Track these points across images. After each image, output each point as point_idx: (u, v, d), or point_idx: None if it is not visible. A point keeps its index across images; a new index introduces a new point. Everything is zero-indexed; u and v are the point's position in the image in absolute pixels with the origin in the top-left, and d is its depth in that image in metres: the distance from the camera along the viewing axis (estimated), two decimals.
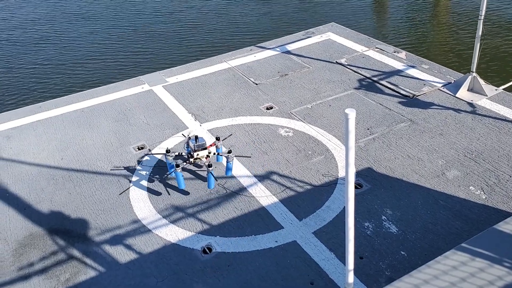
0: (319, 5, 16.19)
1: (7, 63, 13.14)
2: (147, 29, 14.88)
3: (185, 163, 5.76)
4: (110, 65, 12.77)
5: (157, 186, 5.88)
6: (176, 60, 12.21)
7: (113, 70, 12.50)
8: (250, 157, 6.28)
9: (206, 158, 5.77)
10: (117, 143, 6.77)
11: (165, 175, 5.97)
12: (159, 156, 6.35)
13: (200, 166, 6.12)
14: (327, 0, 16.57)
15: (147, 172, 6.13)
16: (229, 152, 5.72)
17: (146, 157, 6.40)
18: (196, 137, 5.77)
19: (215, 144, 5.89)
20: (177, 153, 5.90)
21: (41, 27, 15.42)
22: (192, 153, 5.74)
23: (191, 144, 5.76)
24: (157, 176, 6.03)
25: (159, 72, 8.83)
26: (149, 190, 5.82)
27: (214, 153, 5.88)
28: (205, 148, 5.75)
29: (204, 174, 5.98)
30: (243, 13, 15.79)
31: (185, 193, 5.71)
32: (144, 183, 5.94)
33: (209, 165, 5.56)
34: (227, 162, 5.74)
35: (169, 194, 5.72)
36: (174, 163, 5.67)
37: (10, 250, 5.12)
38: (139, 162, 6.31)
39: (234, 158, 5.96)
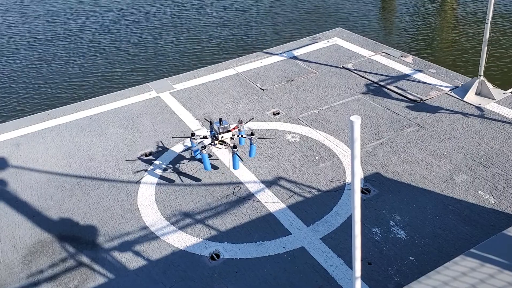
0: (325, 11, 16.20)
1: (16, 71, 13.27)
2: (154, 36, 14.97)
3: (210, 145, 5.85)
4: (117, 72, 12.86)
5: (170, 180, 5.90)
6: (183, 67, 12.26)
7: (120, 77, 12.58)
8: (273, 139, 6.47)
9: (230, 140, 5.86)
10: (124, 150, 6.81)
11: (191, 157, 6.11)
12: (178, 150, 6.38)
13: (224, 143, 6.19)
14: (333, 5, 16.59)
15: (164, 164, 6.28)
16: (252, 134, 5.81)
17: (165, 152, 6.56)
18: (220, 120, 5.86)
19: (238, 127, 5.97)
20: (202, 136, 5.98)
21: (49, 35, 15.56)
22: (216, 135, 5.82)
23: (215, 127, 5.84)
24: (171, 166, 6.07)
25: (166, 78, 8.87)
26: (161, 183, 5.85)
27: (238, 135, 5.98)
28: (229, 131, 5.84)
29: (220, 166, 6.00)
30: (249, 19, 15.84)
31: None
32: (154, 181, 5.97)
33: (234, 146, 5.66)
34: (250, 144, 5.83)
35: (182, 181, 5.90)
36: (200, 146, 5.76)
37: (19, 257, 5.15)
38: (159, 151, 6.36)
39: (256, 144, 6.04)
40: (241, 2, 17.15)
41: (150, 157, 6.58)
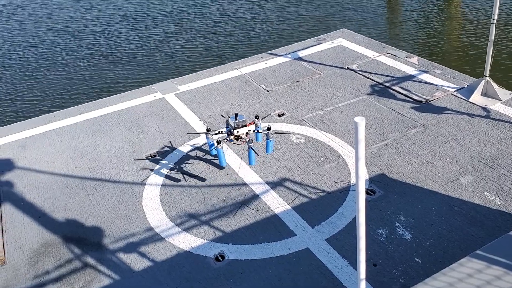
0: (330, 11, 16.18)
1: (21, 73, 13.34)
2: (159, 38, 15.01)
3: (226, 140, 5.83)
4: (122, 74, 12.90)
5: (175, 181, 5.91)
6: (188, 68, 12.28)
7: (125, 78, 12.62)
8: (290, 133, 6.56)
9: (246, 135, 5.83)
10: (130, 151, 6.82)
11: (208, 153, 6.15)
12: (187, 149, 6.39)
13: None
14: (338, 6, 16.57)
15: (169, 165, 6.30)
16: (269, 128, 5.78)
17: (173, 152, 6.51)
18: (236, 115, 5.82)
19: (254, 123, 5.93)
20: (217, 131, 5.97)
21: (54, 38, 15.64)
22: (232, 130, 5.79)
23: (231, 122, 5.80)
24: (177, 167, 6.08)
25: (171, 80, 8.89)
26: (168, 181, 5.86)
27: (254, 131, 5.93)
28: (245, 126, 5.80)
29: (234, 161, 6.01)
30: (254, 20, 15.85)
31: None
32: (160, 180, 5.99)
33: (250, 141, 5.66)
34: (267, 139, 5.81)
35: (186, 180, 5.96)
36: (215, 141, 5.72)
37: (25, 259, 5.18)
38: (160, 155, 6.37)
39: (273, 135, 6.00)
40: (246, 7, 17.16)
41: (156, 157, 6.59)
